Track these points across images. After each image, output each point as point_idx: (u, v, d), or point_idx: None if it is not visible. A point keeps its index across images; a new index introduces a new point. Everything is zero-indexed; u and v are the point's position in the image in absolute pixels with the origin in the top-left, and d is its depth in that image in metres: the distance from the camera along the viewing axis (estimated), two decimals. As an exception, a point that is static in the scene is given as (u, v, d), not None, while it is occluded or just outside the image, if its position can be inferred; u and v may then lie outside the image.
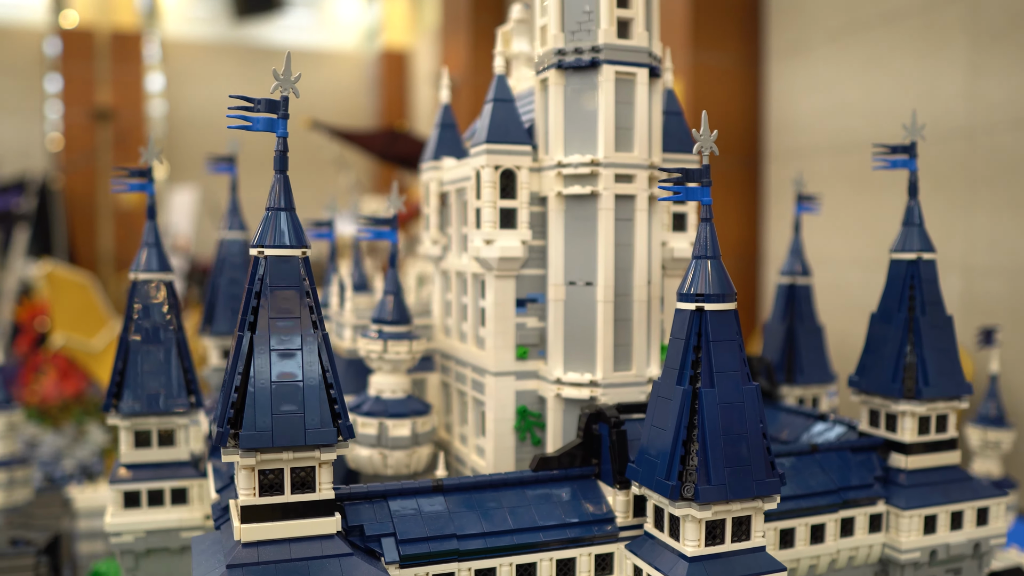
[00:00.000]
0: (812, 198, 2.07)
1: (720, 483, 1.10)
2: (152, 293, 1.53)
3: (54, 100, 8.30)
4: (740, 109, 6.49)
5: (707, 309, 1.14)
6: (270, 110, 1.14)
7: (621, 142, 1.39)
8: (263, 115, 1.14)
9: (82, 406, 3.99)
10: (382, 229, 1.60)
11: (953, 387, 1.46)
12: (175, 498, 1.52)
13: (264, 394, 1.08)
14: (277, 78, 1.15)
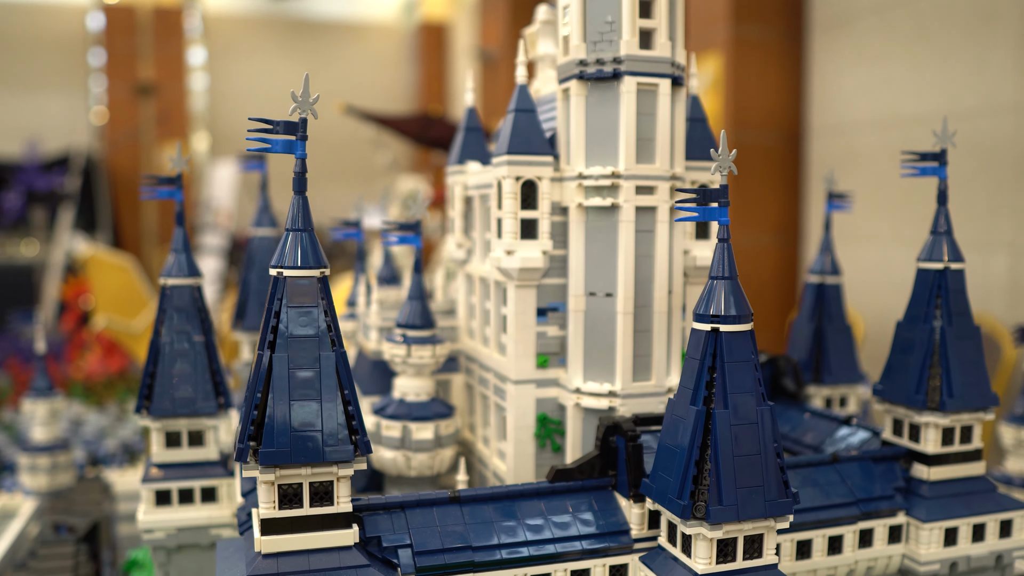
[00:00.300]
0: (844, 196, 2.05)
1: (731, 504, 1.11)
2: (181, 298, 1.58)
3: (98, 75, 8.42)
4: (782, 83, 6.39)
5: (722, 331, 1.15)
6: (288, 132, 1.17)
7: (642, 153, 1.39)
8: (282, 137, 1.16)
9: (126, 383, 4.11)
10: (407, 235, 1.62)
11: (978, 399, 1.45)
12: (205, 496, 1.58)
13: (283, 412, 1.11)
14: (295, 100, 1.16)
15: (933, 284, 1.48)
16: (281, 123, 1.17)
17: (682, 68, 1.45)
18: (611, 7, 1.37)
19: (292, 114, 1.17)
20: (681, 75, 1.44)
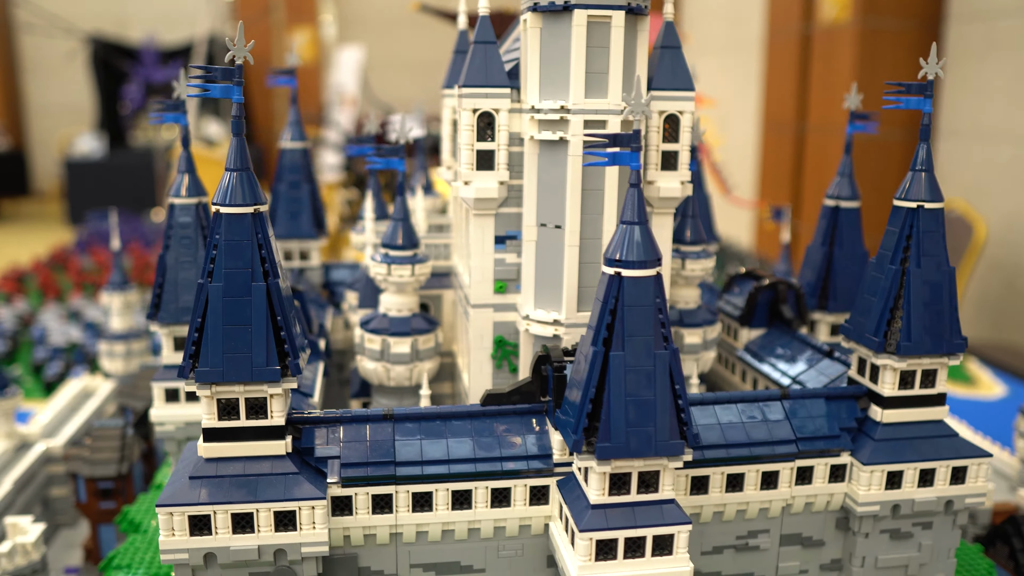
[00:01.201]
0: (867, 116, 1.95)
1: (620, 442, 1.17)
2: (184, 215, 1.73)
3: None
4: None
5: (624, 275, 1.18)
6: (226, 78, 1.25)
7: (593, 88, 1.40)
8: (219, 83, 1.25)
9: None
10: (391, 158, 1.70)
11: (940, 345, 1.42)
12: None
13: (216, 335, 1.25)
14: (230, 47, 1.25)
15: (905, 223, 1.43)
16: (219, 70, 1.25)
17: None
18: (563, -65, 1.36)
19: (228, 60, 1.25)
20: (642, 4, 1.41)
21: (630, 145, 1.17)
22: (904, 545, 1.48)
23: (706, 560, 1.46)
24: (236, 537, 1.27)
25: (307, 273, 2.22)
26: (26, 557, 1.76)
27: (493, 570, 1.40)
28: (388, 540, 1.35)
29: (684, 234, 1.76)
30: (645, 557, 1.22)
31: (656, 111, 1.50)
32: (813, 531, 1.48)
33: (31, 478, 2.13)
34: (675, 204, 1.54)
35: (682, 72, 1.50)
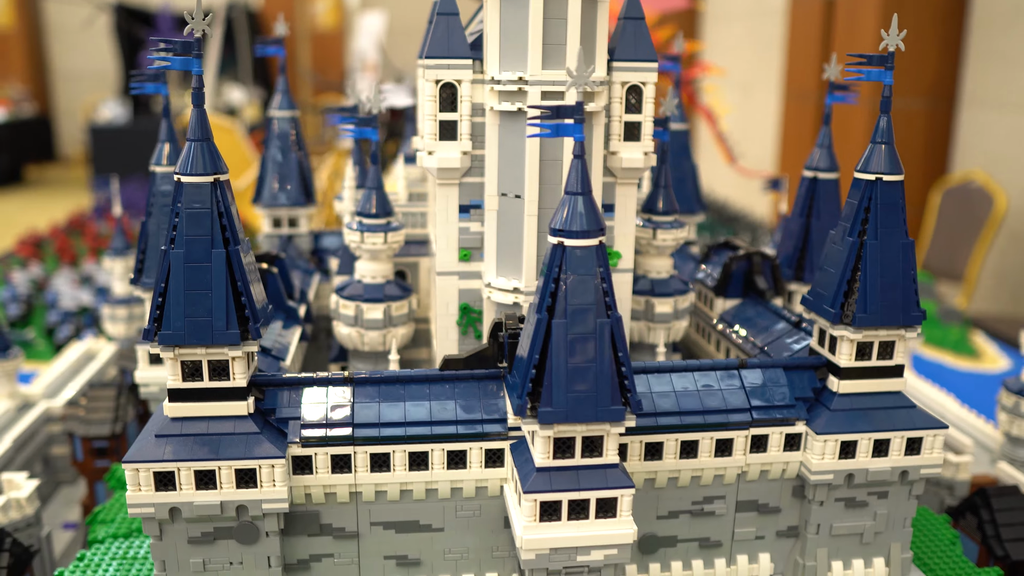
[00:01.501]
0: (847, 87, 1.94)
1: (560, 408, 1.21)
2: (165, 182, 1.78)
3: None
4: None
5: (567, 244, 1.21)
6: (185, 51, 1.29)
7: (551, 59, 1.42)
8: (179, 56, 1.29)
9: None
10: (364, 128, 1.73)
11: (897, 317, 1.43)
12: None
13: (179, 299, 1.30)
14: (189, 20, 1.28)
15: (864, 195, 1.44)
16: (179, 43, 1.29)
17: (603, -33, 1.43)
18: (521, -94, 1.37)
19: (188, 33, 1.29)
20: (600, -26, 1.42)
21: (573, 116, 1.20)
22: (859, 513, 1.51)
23: (662, 524, 1.50)
24: (199, 493, 1.33)
25: (296, 240, 2.27)
26: (20, 511, 1.84)
27: (451, 529, 1.45)
28: (348, 499, 1.41)
29: (656, 204, 1.78)
30: (589, 519, 1.26)
31: (619, 82, 1.51)
32: (769, 498, 1.51)
33: (31, 437, 2.22)
34: (638, 174, 1.56)
35: (644, 43, 1.51)
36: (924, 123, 6.60)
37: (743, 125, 9.35)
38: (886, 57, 1.43)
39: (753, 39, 8.91)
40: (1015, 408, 2.06)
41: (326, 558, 1.44)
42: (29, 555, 1.64)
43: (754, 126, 8.98)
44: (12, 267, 4.34)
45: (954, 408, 2.39)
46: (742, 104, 9.15)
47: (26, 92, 10.55)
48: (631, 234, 1.61)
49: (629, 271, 1.63)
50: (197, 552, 1.38)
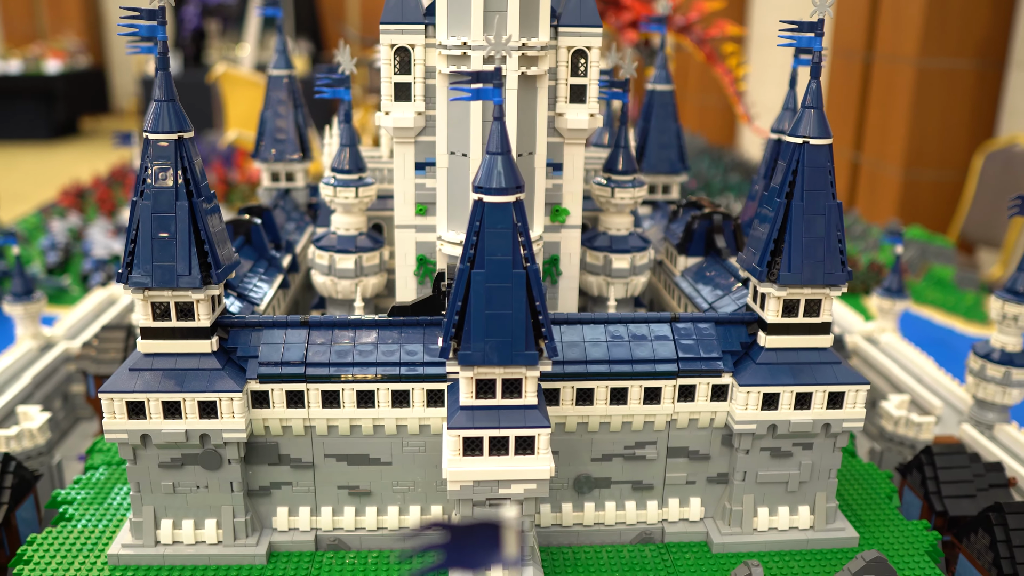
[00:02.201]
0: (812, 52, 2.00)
1: (479, 351, 1.33)
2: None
3: None
4: None
5: (486, 200, 1.32)
6: (150, 18, 1.43)
7: (492, 25, 1.52)
8: (145, 23, 1.43)
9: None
10: (337, 88, 1.85)
11: (821, 276, 1.52)
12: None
13: (146, 247, 1.45)
14: (152, -11, 1.42)
15: (792, 158, 1.52)
16: (144, 11, 1.43)
17: (545, -63, 1.52)
18: None
19: (152, 3, 1.43)
20: (543, -56, 1.51)
21: (492, 81, 1.30)
22: (784, 463, 1.61)
23: (596, 466, 1.62)
24: (167, 422, 1.50)
25: (292, 193, 2.42)
26: (32, 440, 2.05)
27: (399, 463, 1.59)
28: (303, 432, 1.56)
29: (616, 164, 1.87)
30: (509, 455, 1.39)
31: (564, 47, 1.61)
32: (699, 446, 1.62)
33: (50, 375, 2.43)
34: (584, 135, 1.66)
35: (589, 9, 1.60)
36: (972, 84, 6.46)
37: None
38: (815, 24, 1.50)
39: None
40: (981, 371, 2.12)
41: (285, 486, 1.60)
42: (34, 479, 1.83)
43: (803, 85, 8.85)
44: (53, 216, 4.61)
45: (931, 370, 2.45)
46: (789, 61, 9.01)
47: (81, 44, 10.89)
48: (579, 192, 1.72)
49: (578, 227, 1.74)
50: (167, 476, 1.55)
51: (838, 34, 7.45)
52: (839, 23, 7.40)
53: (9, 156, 9.39)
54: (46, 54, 10.23)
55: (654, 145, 2.33)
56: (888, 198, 6.76)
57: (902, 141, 6.56)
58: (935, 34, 6.29)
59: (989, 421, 2.15)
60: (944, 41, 6.32)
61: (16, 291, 2.47)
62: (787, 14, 6.52)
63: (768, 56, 10.13)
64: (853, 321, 2.80)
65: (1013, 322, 2.06)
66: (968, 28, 6.35)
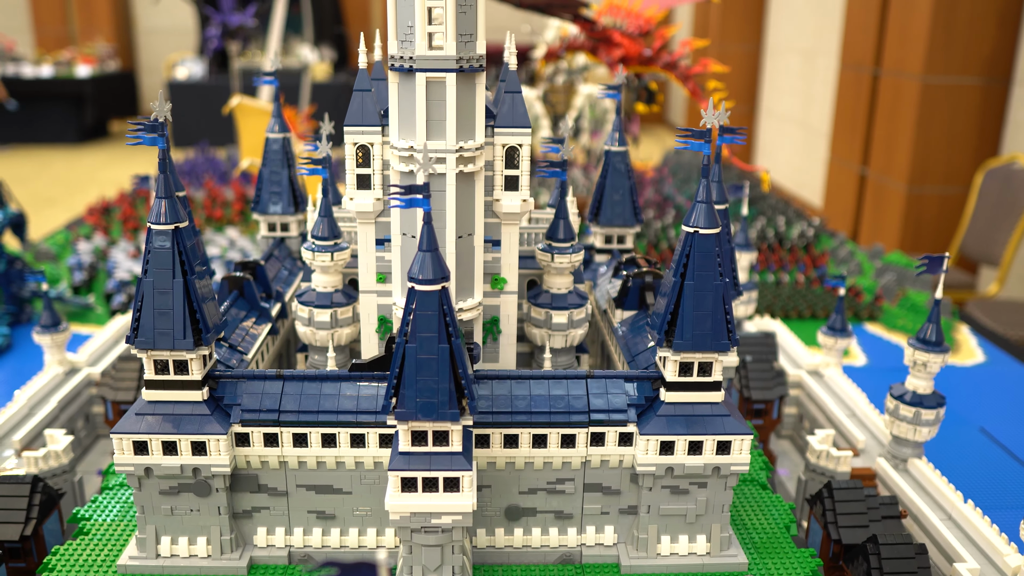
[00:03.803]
0: (734, 130, 2.31)
1: (411, 409, 1.69)
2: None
3: None
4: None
5: (417, 288, 1.68)
6: (152, 131, 1.80)
7: (434, 132, 1.87)
8: (148, 134, 1.80)
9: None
10: (315, 168, 2.22)
11: (710, 344, 1.85)
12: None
13: (149, 315, 1.82)
14: (154, 108, 1.78)
15: (686, 243, 1.85)
16: (147, 124, 1.80)
17: (479, 58, 1.86)
18: (410, 15, 1.82)
19: (153, 118, 1.79)
20: (475, 65, 1.86)
21: (421, 193, 1.65)
22: (682, 499, 1.95)
23: (524, 498, 1.97)
24: (166, 458, 1.87)
25: (287, 242, 2.80)
26: (57, 460, 2.44)
27: (358, 492, 1.96)
28: (278, 466, 1.93)
29: (557, 233, 2.21)
30: (439, 492, 1.75)
31: (500, 144, 1.96)
32: (611, 482, 1.97)
33: (74, 398, 2.83)
34: (517, 218, 2.01)
35: (520, 112, 1.94)
36: (977, 100, 6.70)
37: (805, 91, 9.45)
38: (704, 132, 1.82)
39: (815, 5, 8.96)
40: (895, 411, 2.44)
41: (264, 510, 1.98)
42: (57, 496, 2.22)
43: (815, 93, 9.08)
44: (80, 234, 5.04)
45: (862, 405, 2.76)
46: (804, 72, 9.24)
47: (111, 49, 11.41)
48: (515, 263, 2.07)
49: (514, 292, 2.09)
50: (167, 501, 1.92)
51: (847, 47, 7.69)
52: (848, 37, 7.64)
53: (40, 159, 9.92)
54: (77, 59, 10.75)
55: (609, 200, 2.66)
56: (893, 211, 7.01)
57: (907, 155, 6.81)
58: (940, 51, 6.53)
59: (904, 456, 2.47)
60: (949, 58, 6.56)
61: (45, 323, 2.87)
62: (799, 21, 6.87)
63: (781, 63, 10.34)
64: (802, 355, 3.11)
65: (923, 368, 2.37)
66: (974, 45, 6.58)
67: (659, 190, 5.82)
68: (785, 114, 10.05)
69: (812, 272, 4.62)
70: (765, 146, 10.69)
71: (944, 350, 2.35)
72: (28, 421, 2.65)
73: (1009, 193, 5.96)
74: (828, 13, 8.54)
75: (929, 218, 6.78)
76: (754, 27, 10.67)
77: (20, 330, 4.04)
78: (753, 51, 10.83)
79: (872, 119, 7.25)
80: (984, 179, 6.16)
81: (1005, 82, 6.51)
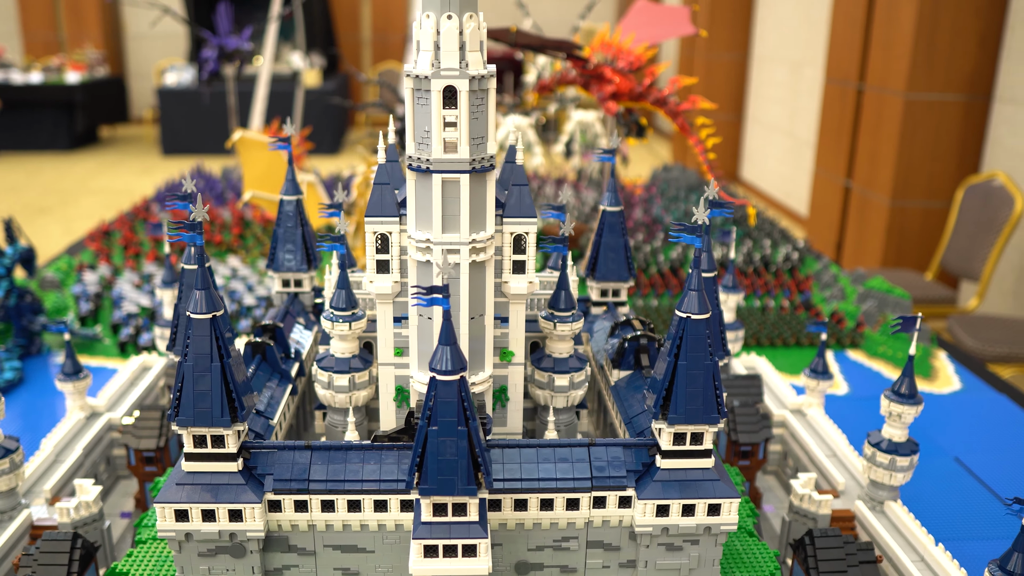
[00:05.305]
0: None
1: (433, 486, 1.89)
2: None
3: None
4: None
5: (437, 379, 1.87)
6: (192, 230, 1.99)
7: (448, 225, 2.06)
8: (188, 232, 1.99)
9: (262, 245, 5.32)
10: (335, 244, 2.41)
11: (700, 418, 2.06)
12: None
13: (189, 396, 2.01)
14: (192, 209, 1.97)
15: (679, 327, 2.06)
16: (186, 224, 1.98)
17: (490, 158, 2.06)
18: (427, 122, 2.01)
19: (191, 218, 1.98)
20: (487, 164, 2.05)
21: (441, 294, 1.85)
22: (677, 555, 2.16)
23: (532, 554, 2.18)
24: (204, 524, 2.07)
25: (300, 296, 2.99)
26: (88, 510, 2.63)
27: (380, 551, 2.16)
28: (307, 529, 2.13)
29: (558, 303, 2.42)
30: (458, 558, 1.95)
31: (508, 232, 2.15)
32: (612, 540, 2.18)
33: (97, 443, 3.02)
34: (523, 299, 2.21)
35: (527, 204, 2.14)
36: (959, 117, 6.92)
37: (791, 101, 9.67)
38: (696, 227, 2.02)
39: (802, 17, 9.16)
40: (872, 457, 2.66)
41: (293, 567, 2.18)
42: (94, 550, 2.41)
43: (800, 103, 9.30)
44: (83, 261, 5.20)
45: (842, 446, 2.99)
46: (791, 82, 9.46)
47: (100, 55, 11.49)
48: (522, 338, 2.27)
49: (521, 364, 2.29)
50: (204, 562, 2.12)
51: (832, 62, 7.91)
52: (833, 52, 7.85)
53: (31, 167, 10.02)
54: (66, 65, 10.83)
55: (604, 257, 2.87)
56: (877, 224, 7.24)
57: (890, 170, 7.04)
58: (923, 68, 6.75)
59: (881, 498, 2.69)
60: (932, 75, 6.78)
61: (68, 371, 3.05)
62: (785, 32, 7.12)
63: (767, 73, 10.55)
64: (786, 393, 3.33)
65: (898, 418, 2.59)
66: (955, 63, 6.80)
67: (648, 211, 6.02)
68: (772, 123, 10.26)
69: (797, 297, 4.84)
70: (752, 154, 10.91)
71: (917, 403, 2.57)
72: (56, 469, 2.85)
73: (989, 209, 6.19)
74: (814, 25, 8.74)
75: (912, 231, 7.02)
76: (741, 36, 10.87)
77: (31, 362, 4.21)
78: (740, 59, 11.04)
79: (856, 133, 7.47)
80: (964, 195, 6.40)
81: (986, 99, 6.74)
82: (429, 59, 1.98)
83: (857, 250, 7.50)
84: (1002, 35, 6.55)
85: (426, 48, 1.98)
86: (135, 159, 9.27)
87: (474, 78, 1.97)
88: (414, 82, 2.01)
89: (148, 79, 11.77)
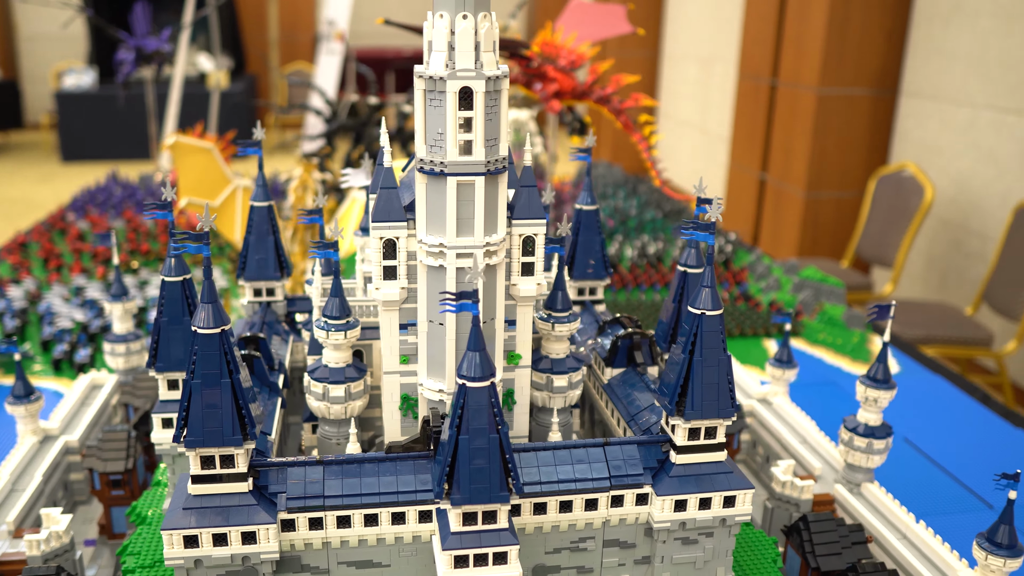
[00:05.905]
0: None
1: (465, 496, 1.85)
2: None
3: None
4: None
5: (468, 386, 1.83)
6: (197, 240, 1.89)
7: (462, 229, 2.02)
8: (194, 243, 1.89)
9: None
10: (327, 252, 2.33)
11: (716, 412, 2.08)
12: (196, 422, 2.45)
13: (197, 414, 1.91)
14: (199, 221, 1.87)
15: (694, 324, 2.08)
16: (192, 235, 1.89)
17: (503, 160, 2.03)
18: (440, 123, 1.97)
19: (198, 228, 1.88)
20: (500, 167, 2.02)
21: (471, 299, 1.82)
22: (692, 548, 2.18)
23: (549, 557, 2.16)
24: (215, 549, 1.97)
25: (273, 305, 2.89)
26: (59, 541, 2.48)
27: (396, 565, 2.10)
28: (321, 547, 2.06)
29: (555, 304, 2.40)
30: (489, 566, 1.92)
31: (517, 234, 2.13)
32: (627, 537, 2.18)
33: (55, 468, 2.85)
34: (531, 301, 2.19)
35: (536, 205, 2.12)
36: (868, 111, 7.21)
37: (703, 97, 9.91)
38: (708, 225, 2.04)
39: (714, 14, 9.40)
40: (849, 441, 2.74)
41: (306, 587, 2.10)
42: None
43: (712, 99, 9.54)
44: (1, 274, 4.90)
45: (813, 433, 3.08)
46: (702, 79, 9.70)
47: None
48: (528, 341, 2.25)
49: (527, 367, 2.27)
50: (214, 587, 2.03)
51: (745, 59, 8.14)
52: (746, 49, 8.08)
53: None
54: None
55: (581, 256, 2.87)
56: (792, 215, 7.49)
57: (804, 162, 7.28)
58: (834, 63, 7.01)
59: (857, 480, 2.78)
60: (842, 70, 7.05)
61: (18, 393, 2.87)
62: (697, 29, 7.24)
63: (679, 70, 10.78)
64: (751, 384, 3.41)
65: (874, 403, 2.68)
66: (864, 59, 7.09)
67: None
68: (684, 119, 10.50)
69: (735, 289, 4.95)
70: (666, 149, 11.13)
71: (891, 387, 2.67)
72: (16, 498, 2.68)
73: (900, 198, 6.49)
74: (725, 23, 8.98)
75: (826, 221, 7.29)
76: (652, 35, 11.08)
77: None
78: (652, 57, 11.25)
79: (771, 127, 7.71)
80: (877, 185, 6.68)
81: (893, 93, 7.05)
82: (443, 59, 1.94)
83: (773, 241, 7.74)
84: (907, 32, 6.87)
85: (439, 48, 1.94)
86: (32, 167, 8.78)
87: (490, 79, 1.94)
88: (426, 83, 1.96)
89: (44, 83, 11.16)
